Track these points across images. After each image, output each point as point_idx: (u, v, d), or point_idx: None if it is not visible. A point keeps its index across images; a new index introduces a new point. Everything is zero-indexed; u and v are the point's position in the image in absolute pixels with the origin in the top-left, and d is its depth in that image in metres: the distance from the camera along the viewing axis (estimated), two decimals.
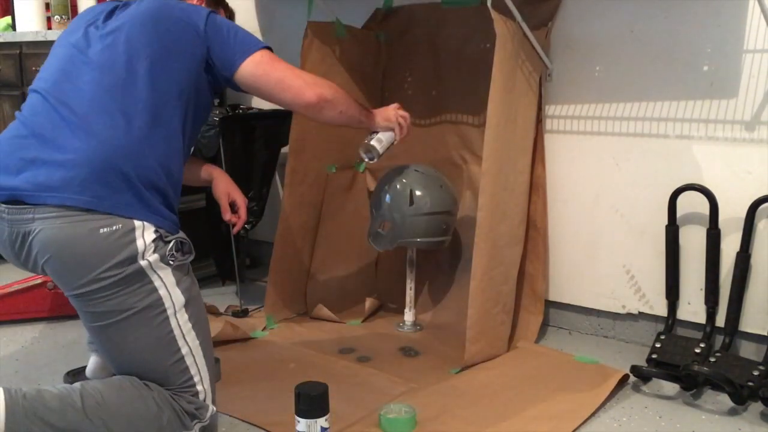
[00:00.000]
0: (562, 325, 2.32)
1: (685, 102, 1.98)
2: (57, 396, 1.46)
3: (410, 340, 2.21)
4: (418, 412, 1.68)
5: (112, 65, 1.56)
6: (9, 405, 1.42)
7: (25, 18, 2.66)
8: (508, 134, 2.00)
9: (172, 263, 1.53)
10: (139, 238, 1.48)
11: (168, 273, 1.53)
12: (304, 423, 1.52)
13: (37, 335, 2.30)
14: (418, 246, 2.21)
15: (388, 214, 2.16)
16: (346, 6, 2.42)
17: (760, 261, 1.92)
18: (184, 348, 1.55)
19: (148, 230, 1.50)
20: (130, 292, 1.49)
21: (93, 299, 1.50)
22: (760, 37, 1.85)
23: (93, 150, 1.48)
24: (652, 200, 2.06)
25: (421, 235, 2.16)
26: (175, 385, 1.55)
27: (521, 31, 2.01)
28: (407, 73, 2.45)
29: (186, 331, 1.55)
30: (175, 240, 1.54)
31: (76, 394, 1.47)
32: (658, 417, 1.73)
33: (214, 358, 1.66)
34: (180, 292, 1.54)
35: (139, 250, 1.48)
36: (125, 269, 1.47)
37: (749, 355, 1.94)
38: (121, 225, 1.47)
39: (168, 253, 1.52)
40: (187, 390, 1.56)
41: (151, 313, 1.51)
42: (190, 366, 1.56)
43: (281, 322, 2.35)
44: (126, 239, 1.47)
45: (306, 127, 2.29)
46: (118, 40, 1.59)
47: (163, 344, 1.53)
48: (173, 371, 1.55)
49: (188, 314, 1.56)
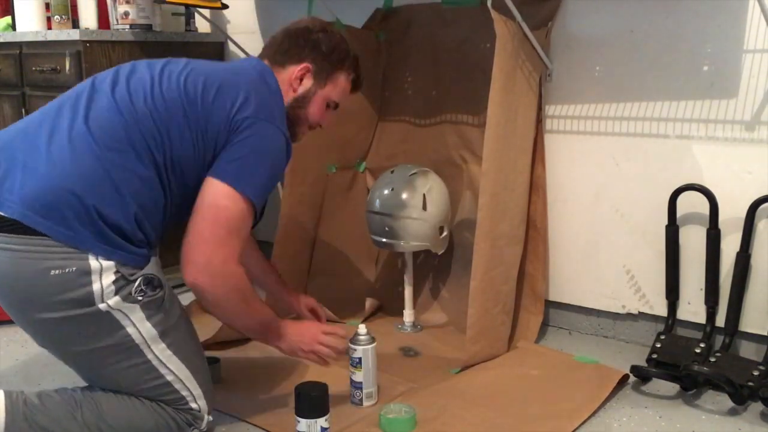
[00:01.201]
0: (562, 325, 2.32)
1: (685, 102, 1.98)
2: (57, 403, 1.46)
3: (410, 340, 2.21)
4: (418, 412, 1.68)
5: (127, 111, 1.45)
6: (9, 410, 1.42)
7: (25, 18, 2.66)
8: (508, 134, 2.00)
9: (141, 299, 1.42)
10: (96, 282, 1.38)
11: (135, 309, 1.43)
12: (304, 423, 1.52)
13: None
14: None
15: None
16: (346, 6, 2.42)
17: (760, 261, 1.92)
18: (168, 375, 1.50)
19: (107, 273, 1.39)
20: (89, 333, 1.42)
21: (47, 337, 1.45)
22: (760, 37, 1.85)
23: (58, 176, 1.39)
24: (652, 200, 2.06)
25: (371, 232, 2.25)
26: (167, 402, 1.52)
27: (521, 31, 2.01)
28: (407, 73, 2.45)
29: (165, 359, 1.48)
30: (141, 277, 1.42)
31: (75, 403, 1.47)
32: (658, 417, 1.73)
33: (207, 370, 1.61)
34: (151, 326, 1.45)
35: (96, 294, 1.38)
36: (78, 311, 1.38)
37: (749, 355, 1.94)
38: (75, 267, 1.37)
39: (135, 290, 1.41)
40: (181, 407, 1.54)
41: (118, 348, 1.44)
42: (179, 389, 1.52)
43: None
44: (79, 281, 1.37)
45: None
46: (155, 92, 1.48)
47: (140, 372, 1.48)
48: (160, 394, 1.51)
49: (165, 343, 1.48)
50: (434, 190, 2.19)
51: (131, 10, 2.56)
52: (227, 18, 2.87)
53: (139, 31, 2.58)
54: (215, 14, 2.85)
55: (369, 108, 2.47)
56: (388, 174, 2.24)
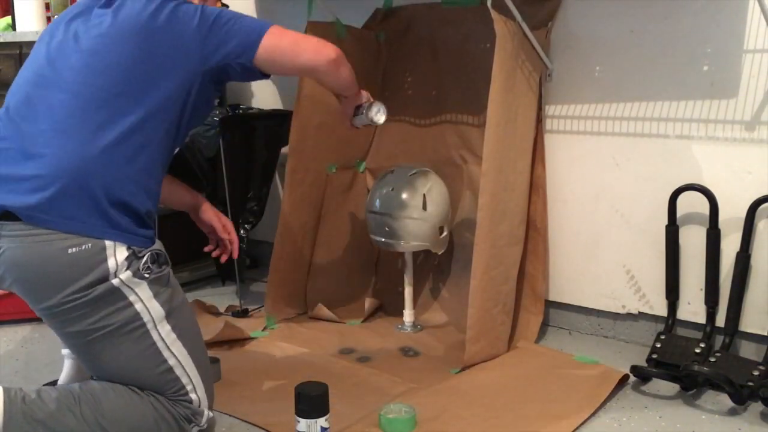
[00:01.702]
0: (562, 325, 2.32)
1: (685, 102, 1.98)
2: (55, 399, 1.46)
3: (410, 340, 2.21)
4: (418, 412, 1.68)
5: (92, 81, 1.48)
6: (8, 407, 1.42)
7: (25, 18, 2.66)
8: (508, 134, 2.00)
9: (148, 276, 1.48)
10: (111, 257, 1.43)
11: (144, 287, 1.47)
12: (304, 423, 1.52)
13: (37, 335, 2.30)
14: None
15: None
16: (346, 6, 2.42)
17: (760, 261, 1.92)
18: (170, 359, 1.51)
19: (120, 249, 1.44)
20: (103, 311, 1.44)
21: (64, 319, 1.46)
22: (760, 37, 1.85)
23: (63, 167, 1.42)
24: (652, 200, 2.06)
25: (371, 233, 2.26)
26: (167, 394, 1.53)
27: (521, 31, 2.01)
28: (407, 73, 2.45)
29: (170, 342, 1.51)
30: (149, 253, 1.48)
31: (74, 398, 1.47)
32: (658, 417, 1.73)
33: (208, 363, 1.63)
34: (158, 304, 1.49)
35: (111, 270, 1.43)
36: (96, 288, 1.42)
37: (749, 355, 1.94)
38: (90, 244, 1.42)
39: (142, 267, 1.47)
40: (181, 398, 1.54)
41: (128, 328, 1.47)
42: (180, 376, 1.53)
43: (281, 322, 2.35)
44: (96, 259, 1.42)
45: (306, 127, 2.29)
46: (101, 50, 1.50)
47: (146, 357, 1.50)
48: (162, 381, 1.52)
49: (171, 325, 1.51)
50: (434, 190, 2.19)
51: None
52: None
53: None
54: None
55: None
56: (388, 174, 2.25)
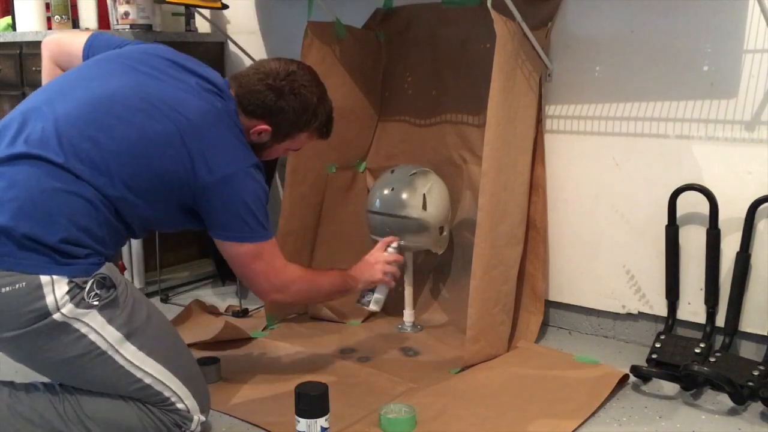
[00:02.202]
0: (562, 325, 2.32)
1: (685, 102, 1.98)
2: (41, 394, 1.47)
3: (410, 340, 2.21)
4: (418, 412, 1.68)
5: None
6: None
7: (25, 18, 2.66)
8: (508, 134, 2.00)
9: (97, 304, 1.40)
10: (49, 294, 1.36)
11: (94, 315, 1.40)
12: (304, 423, 1.52)
13: None
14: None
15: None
16: (346, 6, 2.42)
17: (760, 261, 1.92)
18: (146, 378, 1.47)
19: (59, 284, 1.37)
20: (56, 343, 1.39)
21: (22, 355, 1.44)
22: (760, 37, 1.85)
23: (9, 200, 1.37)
24: (652, 200, 2.06)
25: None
26: (153, 403, 1.50)
27: (521, 31, 2.01)
28: (407, 73, 2.45)
29: (140, 362, 1.45)
30: (92, 280, 1.41)
31: (58, 397, 1.47)
32: (658, 417, 1.73)
33: (194, 370, 1.59)
34: (114, 329, 1.42)
35: (50, 306, 1.36)
36: (39, 323, 1.36)
37: (749, 355, 1.94)
38: (25, 283, 1.35)
39: (87, 296, 1.39)
40: (167, 408, 1.51)
41: (88, 357, 1.42)
42: (162, 390, 1.49)
43: (281, 322, 2.35)
44: (32, 296, 1.36)
45: None
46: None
47: (118, 378, 1.45)
48: (143, 395, 1.48)
49: (136, 346, 1.45)
50: (434, 190, 2.19)
51: (131, 10, 2.56)
52: (227, 18, 2.87)
53: (139, 32, 2.58)
54: (215, 14, 2.85)
55: (369, 108, 2.47)
56: (388, 174, 2.25)
